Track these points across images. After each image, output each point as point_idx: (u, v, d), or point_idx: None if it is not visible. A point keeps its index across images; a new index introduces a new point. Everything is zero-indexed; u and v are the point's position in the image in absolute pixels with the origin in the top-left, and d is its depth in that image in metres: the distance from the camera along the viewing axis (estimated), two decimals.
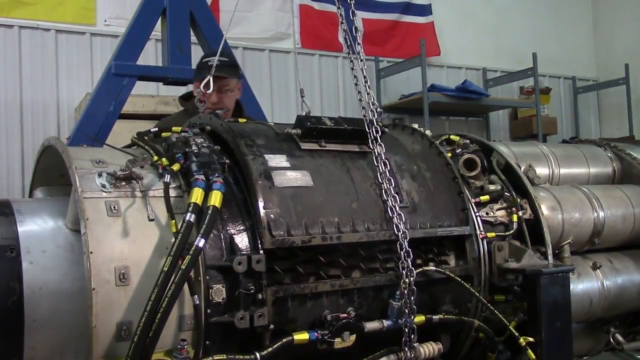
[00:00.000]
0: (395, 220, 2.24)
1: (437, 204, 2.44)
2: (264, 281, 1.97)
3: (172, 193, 2.00)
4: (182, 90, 5.50)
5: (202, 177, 2.00)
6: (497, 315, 2.35)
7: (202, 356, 1.87)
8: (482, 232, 2.49)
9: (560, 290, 2.37)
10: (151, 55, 5.80)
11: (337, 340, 2.06)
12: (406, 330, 2.16)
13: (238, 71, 3.88)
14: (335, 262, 2.17)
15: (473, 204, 2.55)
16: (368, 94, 2.47)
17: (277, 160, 2.21)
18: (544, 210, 2.69)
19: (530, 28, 8.92)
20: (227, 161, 2.15)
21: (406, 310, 2.15)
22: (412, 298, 2.16)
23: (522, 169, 2.83)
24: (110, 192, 1.94)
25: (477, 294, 2.36)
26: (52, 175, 2.38)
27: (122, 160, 2.02)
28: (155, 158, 2.12)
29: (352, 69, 2.64)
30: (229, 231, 2.01)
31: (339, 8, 2.69)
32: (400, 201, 2.30)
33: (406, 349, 2.16)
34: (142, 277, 1.85)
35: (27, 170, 5.57)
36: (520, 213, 2.59)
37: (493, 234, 2.51)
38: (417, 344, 2.20)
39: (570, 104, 9.43)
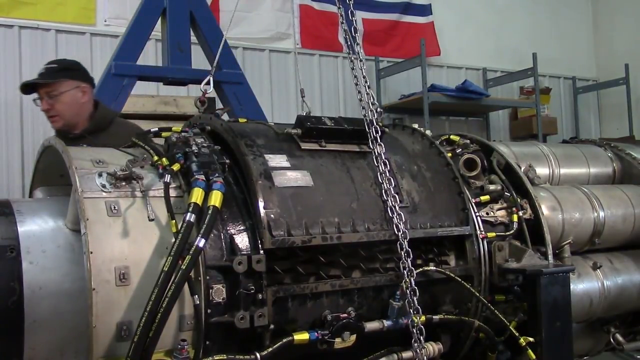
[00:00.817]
0: (395, 220, 2.24)
1: (437, 204, 2.44)
2: (264, 281, 1.97)
3: (172, 193, 2.00)
4: (182, 90, 5.53)
5: (202, 177, 2.00)
6: (497, 315, 2.35)
7: (202, 356, 1.87)
8: (483, 232, 2.49)
9: (561, 290, 2.37)
10: (151, 55, 5.80)
11: (337, 340, 2.06)
12: (415, 331, 2.15)
13: (69, 73, 3.51)
14: (336, 262, 2.17)
15: (473, 204, 2.55)
16: (368, 94, 2.47)
17: (277, 160, 2.21)
18: (544, 210, 2.69)
19: (530, 28, 8.91)
20: (227, 161, 2.15)
21: (410, 310, 2.15)
22: (415, 298, 2.15)
23: (522, 169, 2.83)
24: (110, 192, 1.94)
25: (477, 294, 2.36)
26: (52, 175, 2.38)
27: (122, 160, 2.02)
28: (156, 158, 2.12)
29: (352, 69, 2.65)
30: (229, 231, 2.01)
31: (339, 8, 2.69)
32: (400, 201, 2.30)
33: (417, 349, 2.15)
34: (142, 277, 1.85)
35: (27, 170, 5.56)
36: (520, 213, 2.59)
37: (493, 234, 2.51)
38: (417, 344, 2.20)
39: (570, 104, 9.42)
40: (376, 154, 2.38)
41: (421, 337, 2.15)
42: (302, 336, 2.02)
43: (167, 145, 2.21)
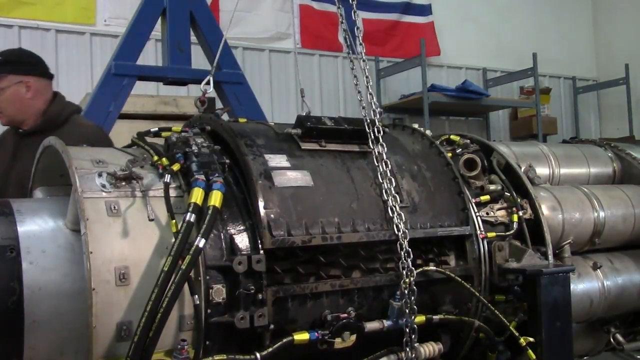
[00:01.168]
0: (395, 220, 2.24)
1: (437, 204, 2.44)
2: (264, 281, 1.97)
3: (172, 193, 1.99)
4: (182, 90, 5.53)
5: (202, 177, 2.00)
6: (497, 315, 2.35)
7: (202, 356, 1.87)
8: (483, 232, 2.48)
9: (561, 290, 2.37)
10: (151, 55, 5.80)
11: (337, 340, 2.06)
12: (407, 330, 2.15)
13: (11, 68, 3.31)
14: (336, 262, 2.17)
15: (473, 204, 2.55)
16: (371, 94, 2.47)
17: (277, 160, 2.21)
18: (544, 210, 2.69)
19: (530, 28, 8.92)
20: (227, 161, 2.15)
21: (407, 310, 2.15)
22: (413, 298, 2.15)
23: (522, 169, 2.82)
24: (110, 192, 1.94)
25: (477, 294, 2.36)
26: (52, 175, 2.38)
27: (122, 160, 2.02)
28: (156, 158, 2.12)
29: (352, 69, 2.64)
30: (229, 231, 2.01)
31: (338, 8, 2.69)
32: (400, 201, 2.30)
33: (407, 349, 2.16)
34: (142, 277, 1.85)
35: None
36: (520, 213, 2.59)
37: (493, 234, 2.50)
38: (418, 344, 2.20)
39: (570, 104, 9.43)
40: (376, 153, 2.38)
41: (414, 337, 2.15)
42: (302, 336, 2.02)
43: (167, 145, 2.21)
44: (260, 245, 2.01)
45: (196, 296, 1.86)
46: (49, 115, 3.39)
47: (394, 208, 2.26)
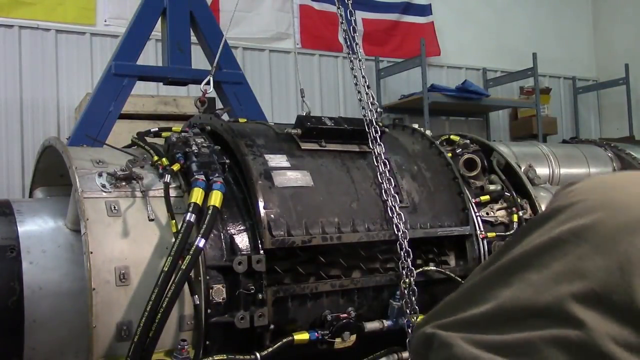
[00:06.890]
0: (395, 220, 2.24)
1: (437, 204, 2.44)
2: (264, 281, 1.97)
3: (172, 193, 2.00)
4: (182, 90, 5.53)
5: (202, 177, 2.00)
6: None
7: (202, 356, 1.87)
8: (483, 232, 2.49)
9: None
10: (151, 55, 5.80)
11: (337, 340, 2.06)
12: (409, 331, 2.15)
13: None
14: (336, 262, 2.17)
15: (473, 204, 2.55)
16: (367, 94, 2.47)
17: (277, 160, 2.21)
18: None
19: (530, 28, 8.91)
20: (227, 161, 2.15)
21: (407, 310, 2.15)
22: (414, 298, 2.15)
23: (522, 169, 2.82)
24: (110, 192, 1.94)
25: None
26: (52, 175, 2.38)
27: (122, 160, 2.02)
28: (156, 158, 2.12)
29: (352, 69, 2.65)
30: (229, 231, 2.01)
31: (338, 8, 2.69)
32: (400, 201, 2.30)
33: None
34: (142, 277, 1.85)
35: (27, 170, 5.56)
36: (520, 213, 2.59)
37: (493, 234, 2.50)
38: None
39: (570, 104, 9.42)
40: (376, 154, 2.38)
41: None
42: (302, 336, 2.02)
43: (167, 145, 2.22)
44: (260, 245, 2.01)
45: (196, 296, 1.86)
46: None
47: (393, 208, 2.26)
